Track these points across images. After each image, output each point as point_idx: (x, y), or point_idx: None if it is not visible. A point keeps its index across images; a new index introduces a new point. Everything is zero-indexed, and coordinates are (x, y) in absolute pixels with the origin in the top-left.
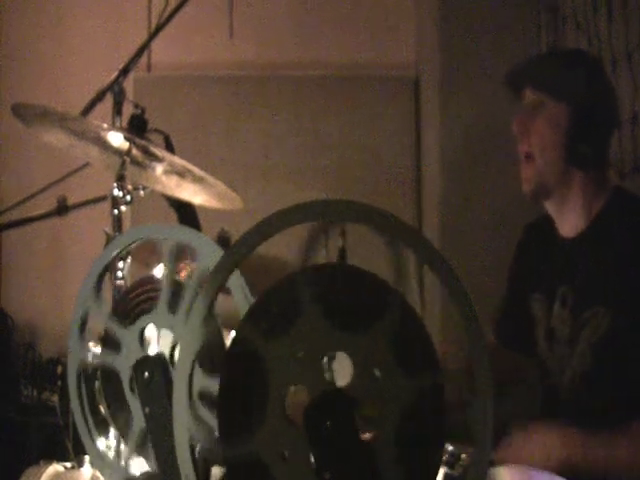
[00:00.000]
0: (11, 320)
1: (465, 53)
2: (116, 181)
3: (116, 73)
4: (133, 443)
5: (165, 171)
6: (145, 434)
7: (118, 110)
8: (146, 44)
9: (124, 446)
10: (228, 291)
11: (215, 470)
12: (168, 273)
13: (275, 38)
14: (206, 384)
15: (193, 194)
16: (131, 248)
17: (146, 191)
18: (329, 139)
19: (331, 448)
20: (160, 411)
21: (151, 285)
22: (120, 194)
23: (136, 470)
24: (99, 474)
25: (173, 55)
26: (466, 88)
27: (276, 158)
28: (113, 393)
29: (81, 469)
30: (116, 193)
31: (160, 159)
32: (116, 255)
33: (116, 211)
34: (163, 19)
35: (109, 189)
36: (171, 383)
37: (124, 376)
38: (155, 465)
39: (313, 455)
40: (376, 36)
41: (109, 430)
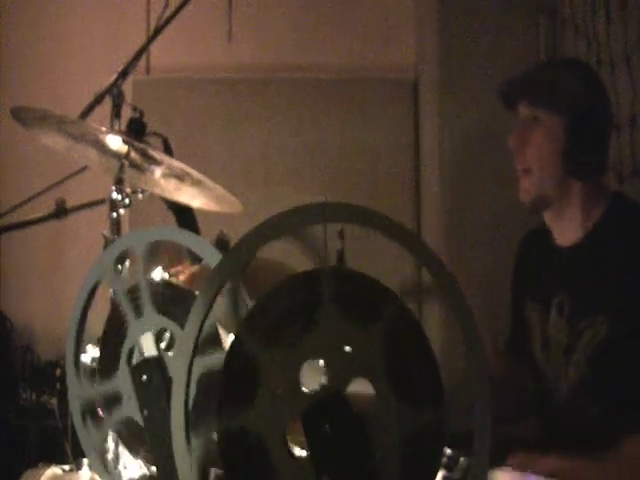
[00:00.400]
0: (10, 323)
1: (464, 55)
2: (115, 184)
3: (115, 76)
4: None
5: (164, 174)
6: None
7: (117, 113)
8: (145, 47)
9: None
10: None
11: (213, 472)
12: (143, 274)
13: (274, 41)
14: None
15: (192, 197)
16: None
17: (145, 194)
18: (328, 141)
19: (329, 450)
20: (158, 413)
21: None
22: (119, 197)
23: (134, 473)
24: (97, 477)
25: (172, 58)
26: (465, 90)
27: (275, 160)
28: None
29: (79, 472)
30: (115, 196)
31: (159, 162)
32: (115, 258)
33: (114, 214)
34: (162, 22)
35: (108, 192)
36: (169, 385)
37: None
38: (153, 467)
39: (311, 457)
40: (375, 38)
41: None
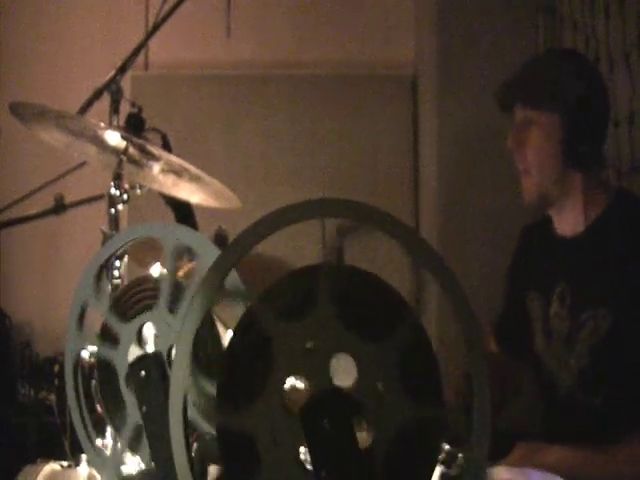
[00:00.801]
0: (8, 319)
1: (463, 53)
2: (113, 180)
3: (113, 72)
4: (127, 438)
5: (162, 170)
6: (139, 430)
7: (115, 109)
8: (144, 43)
9: (119, 443)
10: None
11: (212, 468)
12: (169, 273)
13: (273, 37)
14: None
15: (190, 193)
16: (128, 247)
17: (143, 190)
18: (327, 138)
19: (328, 447)
20: (157, 410)
21: (147, 284)
22: (117, 193)
23: (132, 468)
24: (96, 473)
25: (171, 54)
26: (464, 88)
27: (273, 157)
28: (110, 389)
29: (78, 468)
30: (113, 192)
31: (157, 158)
32: (113, 253)
33: (113, 210)
34: (161, 18)
35: (106, 188)
36: (168, 382)
37: (120, 371)
38: (151, 463)
39: (309, 453)
40: (374, 35)
41: (106, 429)
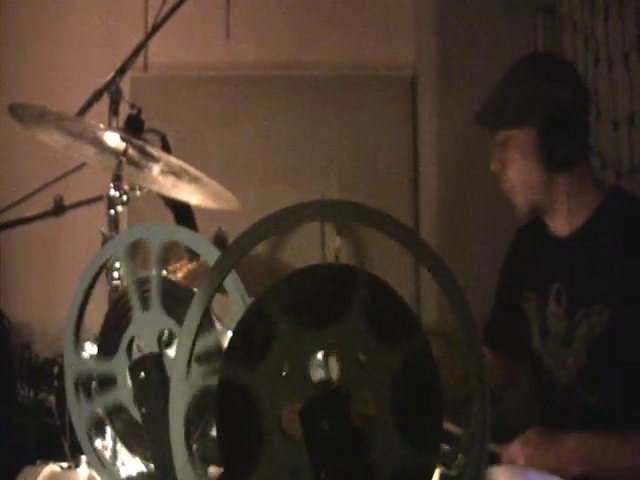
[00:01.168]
0: (7, 321)
1: (463, 53)
2: (112, 181)
3: (113, 73)
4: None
5: (162, 171)
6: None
7: (115, 110)
8: (143, 44)
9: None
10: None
11: (212, 469)
12: (156, 273)
13: (272, 38)
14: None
15: (190, 194)
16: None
17: (142, 191)
18: (326, 139)
19: (327, 448)
20: (156, 411)
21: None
22: (116, 194)
23: (132, 470)
24: (96, 474)
25: (170, 55)
26: (463, 89)
27: (273, 158)
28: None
29: (77, 469)
30: (112, 193)
31: (156, 159)
32: (112, 255)
33: (112, 211)
34: (160, 19)
35: (106, 189)
36: (167, 383)
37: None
38: (151, 464)
39: (309, 455)
40: (373, 36)
41: (105, 431)
